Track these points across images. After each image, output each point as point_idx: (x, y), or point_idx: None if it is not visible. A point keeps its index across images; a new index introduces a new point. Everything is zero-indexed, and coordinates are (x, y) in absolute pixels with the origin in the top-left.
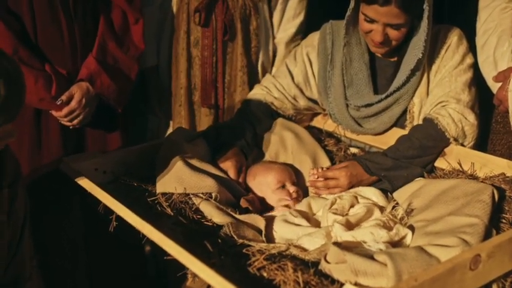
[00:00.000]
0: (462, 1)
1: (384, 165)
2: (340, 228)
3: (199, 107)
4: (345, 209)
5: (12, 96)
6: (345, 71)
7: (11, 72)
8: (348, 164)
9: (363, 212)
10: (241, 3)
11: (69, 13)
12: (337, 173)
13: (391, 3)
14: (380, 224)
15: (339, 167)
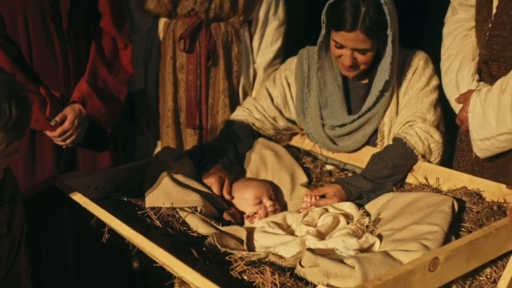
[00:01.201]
0: (429, 28)
1: (364, 188)
2: (313, 239)
3: (185, 127)
4: (315, 220)
5: (22, 116)
6: (320, 93)
7: (21, 95)
8: (336, 191)
9: (329, 221)
10: (224, 30)
11: (63, 39)
12: (329, 202)
13: (357, 29)
14: (350, 232)
15: (330, 197)
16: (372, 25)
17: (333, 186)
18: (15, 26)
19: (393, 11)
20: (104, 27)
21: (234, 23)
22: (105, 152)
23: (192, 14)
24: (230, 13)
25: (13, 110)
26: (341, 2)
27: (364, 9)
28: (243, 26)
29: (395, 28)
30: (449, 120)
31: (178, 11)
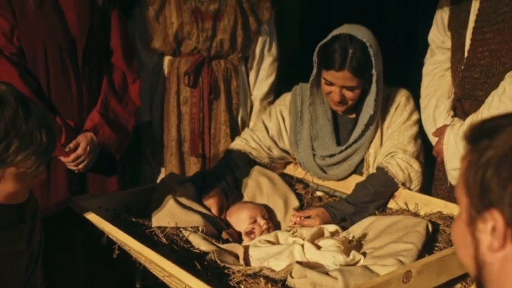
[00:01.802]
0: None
1: (347, 211)
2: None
3: (189, 156)
4: (302, 235)
5: (50, 142)
6: (311, 126)
7: (50, 124)
8: (319, 212)
9: (313, 229)
10: (224, 66)
11: (78, 75)
12: (312, 222)
13: (345, 69)
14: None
15: (313, 217)
16: (358, 65)
17: (317, 209)
18: (35, 62)
19: (378, 53)
20: (115, 63)
21: (233, 60)
22: (113, 176)
23: (195, 52)
24: (229, 51)
25: (43, 137)
26: (331, 44)
27: (351, 51)
28: (241, 62)
29: (379, 68)
30: (429, 151)
31: (182, 50)
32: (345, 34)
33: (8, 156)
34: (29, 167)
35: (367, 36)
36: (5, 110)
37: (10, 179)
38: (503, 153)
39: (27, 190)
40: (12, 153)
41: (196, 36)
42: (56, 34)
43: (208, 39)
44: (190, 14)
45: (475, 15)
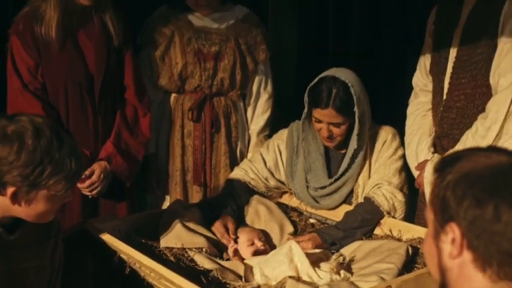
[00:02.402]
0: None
1: (336, 236)
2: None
3: (192, 185)
4: None
5: (78, 169)
6: (305, 160)
7: (78, 152)
8: (311, 237)
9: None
10: (224, 103)
11: (95, 108)
12: (305, 245)
13: (329, 107)
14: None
15: (306, 241)
16: (342, 103)
17: (310, 234)
18: (57, 96)
19: (360, 93)
20: (127, 99)
21: (232, 97)
22: (123, 202)
23: (198, 89)
24: (229, 88)
25: (73, 165)
26: (318, 85)
27: (335, 91)
28: (240, 99)
29: (362, 107)
30: (412, 183)
31: (186, 87)
32: (330, 76)
33: (41, 180)
34: (59, 190)
35: (349, 77)
36: (41, 140)
37: (42, 200)
38: (459, 177)
39: (54, 211)
40: (45, 177)
41: (199, 75)
42: (76, 72)
43: (210, 77)
44: (193, 55)
45: (452, 62)
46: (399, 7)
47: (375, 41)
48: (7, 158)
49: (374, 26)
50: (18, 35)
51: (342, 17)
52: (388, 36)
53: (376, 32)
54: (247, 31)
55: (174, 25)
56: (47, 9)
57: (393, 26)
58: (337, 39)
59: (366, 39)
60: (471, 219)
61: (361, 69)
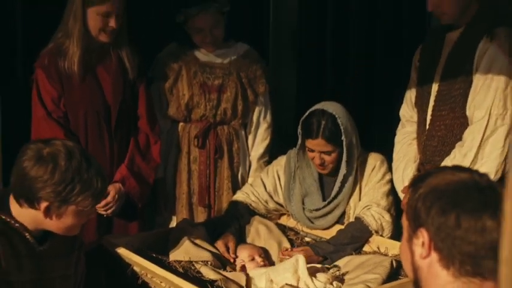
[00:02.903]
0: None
1: (327, 249)
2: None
3: (197, 206)
4: None
5: (103, 188)
6: (301, 185)
7: (103, 173)
8: (304, 248)
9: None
10: (227, 131)
11: (111, 135)
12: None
13: (319, 137)
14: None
15: (299, 252)
16: (330, 134)
17: (303, 247)
18: (77, 124)
19: (347, 124)
20: (140, 127)
21: (234, 126)
22: (134, 222)
23: (203, 118)
24: (231, 118)
25: (99, 184)
26: (309, 118)
27: (324, 123)
28: (241, 128)
29: (350, 136)
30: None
31: (192, 117)
32: (319, 109)
33: (71, 196)
34: (86, 206)
35: (337, 110)
36: (72, 162)
37: (71, 215)
38: (428, 191)
39: (80, 225)
40: (75, 194)
41: (204, 105)
42: (95, 102)
43: (214, 108)
44: (199, 87)
45: (434, 96)
46: (392, 48)
47: (370, 77)
48: (42, 177)
49: (369, 63)
50: (44, 68)
51: (339, 56)
52: (380, 71)
53: (370, 69)
54: (247, 66)
55: (182, 60)
56: (70, 45)
57: (385, 63)
58: (335, 77)
59: (361, 75)
60: (437, 226)
61: (358, 101)
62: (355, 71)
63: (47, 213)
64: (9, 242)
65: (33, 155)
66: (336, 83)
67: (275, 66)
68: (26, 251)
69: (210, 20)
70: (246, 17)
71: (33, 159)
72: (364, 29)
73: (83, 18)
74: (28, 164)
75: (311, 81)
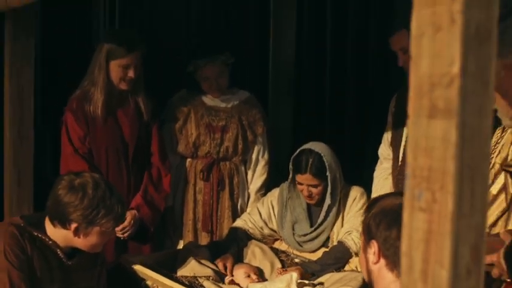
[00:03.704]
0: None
1: (315, 269)
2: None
3: (201, 232)
4: None
5: (123, 213)
6: (292, 214)
7: (123, 201)
8: (297, 268)
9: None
10: (229, 166)
11: (128, 169)
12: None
13: (307, 173)
14: None
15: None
16: (316, 170)
17: (295, 267)
18: (99, 159)
19: (331, 161)
20: (153, 162)
21: (235, 162)
22: (147, 244)
23: (208, 155)
24: (233, 155)
25: (119, 209)
26: (299, 156)
27: (311, 160)
28: (241, 164)
29: (334, 172)
30: None
31: (198, 153)
32: (307, 148)
33: (96, 219)
34: (108, 228)
35: (322, 149)
36: (98, 191)
37: (95, 235)
38: (378, 211)
39: (103, 244)
40: (99, 217)
41: (209, 144)
42: (115, 141)
43: (218, 146)
44: (205, 127)
45: (405, 137)
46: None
47: (364, 124)
48: (73, 203)
49: (362, 112)
50: (72, 111)
51: (334, 102)
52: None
53: (363, 113)
54: (248, 110)
55: (191, 104)
56: (95, 92)
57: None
58: (328, 121)
59: (356, 122)
60: (384, 238)
61: (353, 144)
62: (352, 118)
63: (76, 233)
64: (44, 256)
65: (67, 185)
66: (329, 126)
67: (273, 110)
68: (57, 265)
69: (216, 70)
70: (248, 67)
71: (66, 188)
72: (357, 77)
73: (106, 70)
74: (62, 192)
75: (305, 124)
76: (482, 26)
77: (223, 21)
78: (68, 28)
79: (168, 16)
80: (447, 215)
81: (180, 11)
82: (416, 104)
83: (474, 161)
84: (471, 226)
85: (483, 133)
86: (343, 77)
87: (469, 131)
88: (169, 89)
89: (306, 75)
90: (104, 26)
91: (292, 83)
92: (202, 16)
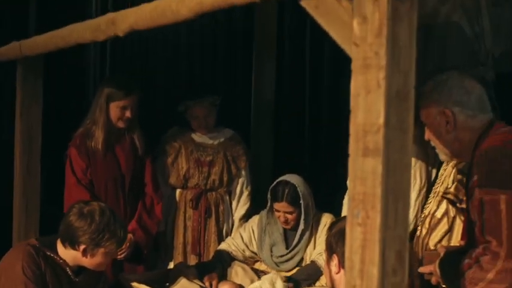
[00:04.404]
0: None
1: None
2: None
3: (190, 254)
4: None
5: (124, 237)
6: (270, 237)
7: (125, 226)
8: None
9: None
10: (215, 196)
11: (125, 197)
12: None
13: (283, 201)
14: None
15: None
16: (291, 199)
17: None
18: (99, 188)
19: (304, 191)
20: (146, 191)
21: (221, 192)
22: (141, 265)
23: (197, 186)
24: (219, 186)
25: (121, 233)
26: (276, 186)
27: (287, 190)
28: (226, 194)
29: (307, 201)
30: None
31: (188, 185)
32: (283, 180)
33: (102, 242)
34: (111, 249)
35: (297, 180)
36: (104, 217)
37: (100, 255)
38: (337, 230)
39: (106, 263)
40: (104, 240)
41: (197, 176)
42: (113, 173)
43: (205, 178)
44: (194, 162)
45: None
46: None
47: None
48: (83, 227)
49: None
50: (75, 146)
51: (311, 140)
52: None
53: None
54: (232, 147)
55: (181, 140)
56: (96, 130)
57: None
58: (308, 157)
59: (331, 155)
60: (342, 252)
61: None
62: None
63: (84, 253)
64: (55, 273)
65: (77, 212)
66: (307, 159)
67: (255, 146)
68: (66, 281)
69: (204, 111)
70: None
71: (77, 215)
72: (330, 115)
73: (106, 110)
74: (73, 218)
75: (284, 158)
76: (401, 89)
77: (211, 66)
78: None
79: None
80: (377, 228)
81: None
82: (354, 146)
83: (396, 187)
84: (395, 236)
85: (403, 166)
86: (319, 115)
87: (392, 165)
88: (163, 126)
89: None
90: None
91: (273, 121)
92: (192, 61)
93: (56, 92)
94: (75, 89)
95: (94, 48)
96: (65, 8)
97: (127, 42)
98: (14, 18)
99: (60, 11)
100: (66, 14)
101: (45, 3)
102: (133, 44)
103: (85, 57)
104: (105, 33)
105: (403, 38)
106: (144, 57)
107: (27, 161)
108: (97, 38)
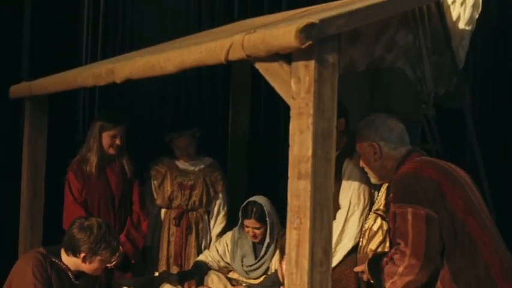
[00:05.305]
0: None
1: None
2: None
3: (173, 265)
4: None
5: (117, 247)
6: (241, 250)
7: (118, 238)
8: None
9: None
10: (195, 215)
11: (115, 214)
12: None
13: (251, 218)
14: None
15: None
16: (259, 216)
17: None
18: (92, 207)
19: (270, 210)
20: (134, 209)
21: (200, 212)
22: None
23: (179, 207)
24: (199, 207)
25: (115, 244)
26: (246, 206)
27: (255, 209)
28: (205, 213)
29: (272, 218)
30: None
31: (172, 205)
32: (252, 200)
33: (99, 251)
34: (107, 257)
35: (263, 201)
36: (101, 230)
37: (97, 262)
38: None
39: (102, 269)
40: (101, 249)
41: (180, 198)
42: (105, 192)
43: (187, 200)
44: (178, 186)
45: None
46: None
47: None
48: (83, 238)
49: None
50: (73, 171)
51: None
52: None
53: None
54: (211, 173)
55: (167, 167)
56: (91, 156)
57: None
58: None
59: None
60: None
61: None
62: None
63: (83, 260)
64: (59, 276)
65: (78, 225)
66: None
67: (232, 172)
68: (68, 283)
69: (186, 142)
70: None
71: (78, 228)
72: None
73: (99, 139)
74: (75, 230)
75: (257, 181)
76: (325, 130)
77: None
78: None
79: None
80: (307, 230)
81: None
82: (292, 171)
83: (322, 201)
84: (321, 237)
85: (327, 187)
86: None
87: (318, 186)
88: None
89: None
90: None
91: (247, 151)
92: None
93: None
94: (67, 126)
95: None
96: (57, 55)
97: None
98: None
99: (53, 57)
100: (58, 60)
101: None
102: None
103: (77, 95)
104: (105, 80)
105: (327, 94)
106: (134, 102)
107: (33, 184)
108: (98, 83)
